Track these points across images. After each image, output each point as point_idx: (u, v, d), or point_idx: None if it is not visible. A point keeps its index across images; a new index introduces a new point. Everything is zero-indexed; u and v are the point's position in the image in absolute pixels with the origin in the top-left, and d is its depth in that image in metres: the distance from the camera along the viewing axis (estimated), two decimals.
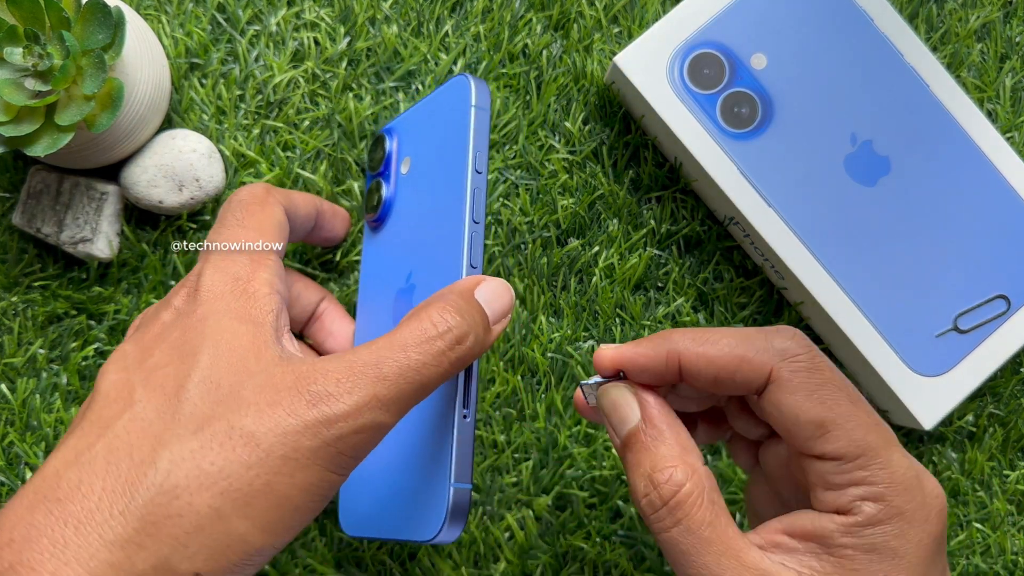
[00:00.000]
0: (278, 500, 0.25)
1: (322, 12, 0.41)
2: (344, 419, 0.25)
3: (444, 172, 0.33)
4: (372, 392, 0.26)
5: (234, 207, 0.33)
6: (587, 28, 0.41)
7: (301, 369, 0.26)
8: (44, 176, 0.39)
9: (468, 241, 0.31)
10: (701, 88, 0.39)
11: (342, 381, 0.26)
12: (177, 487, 0.24)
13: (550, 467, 0.40)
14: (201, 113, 0.40)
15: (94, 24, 0.34)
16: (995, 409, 0.42)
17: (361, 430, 0.26)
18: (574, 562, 0.40)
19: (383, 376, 0.26)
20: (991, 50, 0.43)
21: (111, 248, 0.39)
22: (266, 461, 0.25)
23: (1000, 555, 0.41)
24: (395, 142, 0.37)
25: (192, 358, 0.27)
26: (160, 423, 0.26)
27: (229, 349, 0.27)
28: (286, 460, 0.25)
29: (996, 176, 0.39)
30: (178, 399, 0.26)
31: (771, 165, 0.39)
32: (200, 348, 0.27)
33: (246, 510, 0.25)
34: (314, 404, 0.25)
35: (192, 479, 0.24)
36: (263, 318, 0.29)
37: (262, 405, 0.25)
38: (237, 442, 0.25)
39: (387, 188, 0.37)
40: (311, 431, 0.25)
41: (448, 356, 0.27)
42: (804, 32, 0.39)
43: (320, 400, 0.25)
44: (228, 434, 0.25)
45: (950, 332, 0.39)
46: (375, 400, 0.26)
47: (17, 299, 0.39)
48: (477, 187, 0.32)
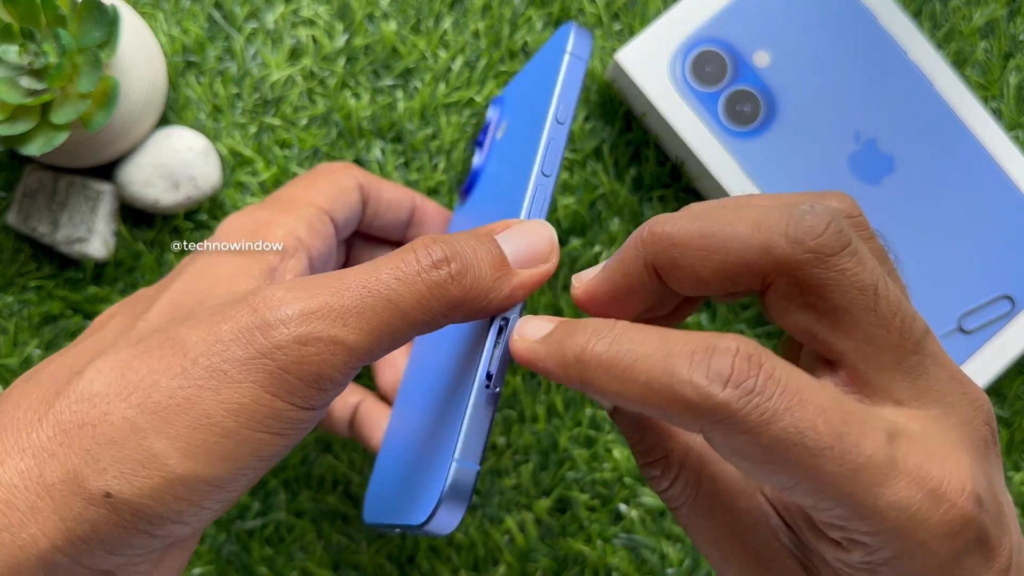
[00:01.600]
0: (200, 419, 0.22)
1: (320, 9, 0.40)
2: (285, 325, 0.22)
3: (529, 125, 0.30)
4: (324, 301, 0.22)
5: (303, 175, 0.32)
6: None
7: (260, 287, 0.23)
8: (39, 175, 0.38)
9: (531, 194, 0.27)
10: (703, 86, 0.38)
11: (293, 288, 0.22)
12: (96, 395, 0.22)
13: (550, 469, 0.40)
14: (197, 111, 0.40)
15: (90, 22, 0.34)
16: (999, 410, 0.42)
17: (307, 341, 0.22)
18: (575, 565, 0.39)
19: (343, 286, 0.22)
20: (995, 48, 0.42)
21: (107, 248, 0.38)
22: (190, 372, 0.22)
23: None
24: (497, 109, 0.35)
25: (169, 286, 0.26)
26: (110, 341, 0.25)
27: (204, 276, 0.26)
28: (212, 372, 0.22)
29: (1001, 175, 0.39)
30: (138, 319, 0.25)
31: (774, 164, 0.38)
32: (181, 274, 0.26)
33: (163, 426, 0.22)
34: (255, 310, 0.22)
35: (112, 387, 0.22)
36: (260, 254, 0.27)
37: (204, 316, 0.23)
38: (166, 351, 0.22)
39: (478, 156, 0.35)
40: (244, 339, 0.22)
41: (424, 277, 0.23)
42: (807, 29, 0.39)
43: (262, 305, 0.22)
44: (160, 344, 0.23)
45: (954, 332, 0.39)
46: (328, 308, 0.22)
47: (12, 299, 0.39)
48: (553, 138, 0.28)
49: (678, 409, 0.19)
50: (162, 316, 0.25)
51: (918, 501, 0.20)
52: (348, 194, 0.32)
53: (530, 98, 0.31)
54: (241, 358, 0.22)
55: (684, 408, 0.19)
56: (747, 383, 0.19)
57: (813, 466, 0.19)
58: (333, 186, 0.32)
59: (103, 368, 0.23)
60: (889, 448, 0.20)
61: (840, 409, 0.20)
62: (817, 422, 0.19)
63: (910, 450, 0.20)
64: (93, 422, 0.22)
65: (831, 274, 0.21)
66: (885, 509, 0.20)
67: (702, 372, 0.19)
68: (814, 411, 0.19)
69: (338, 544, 0.39)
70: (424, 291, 0.23)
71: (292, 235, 0.29)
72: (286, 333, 0.22)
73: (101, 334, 0.26)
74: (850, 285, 0.21)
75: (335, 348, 0.22)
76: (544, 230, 0.25)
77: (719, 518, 0.24)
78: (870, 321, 0.21)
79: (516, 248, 0.25)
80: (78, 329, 0.39)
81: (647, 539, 0.39)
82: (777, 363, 0.20)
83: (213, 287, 0.25)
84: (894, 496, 0.20)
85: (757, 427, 0.19)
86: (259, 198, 0.40)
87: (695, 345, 0.20)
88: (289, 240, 0.28)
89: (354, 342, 0.22)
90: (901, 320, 0.21)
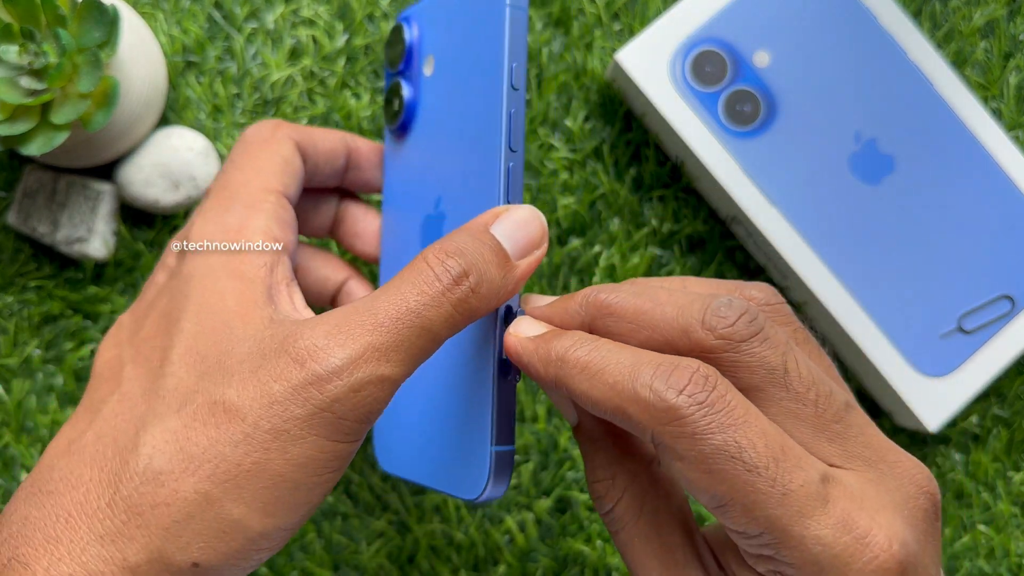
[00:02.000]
0: (273, 480, 0.22)
1: (320, 9, 0.40)
2: (338, 376, 0.22)
3: (476, 83, 0.29)
4: (367, 341, 0.23)
5: (236, 147, 0.30)
6: (588, 25, 0.41)
7: (289, 328, 0.24)
8: (39, 175, 0.38)
9: (504, 174, 0.27)
10: (703, 85, 0.38)
11: (332, 334, 0.23)
12: (161, 473, 0.23)
13: (550, 469, 0.40)
14: (197, 111, 0.40)
15: (90, 22, 0.34)
16: (999, 410, 0.42)
17: (360, 387, 0.22)
18: (574, 565, 0.39)
19: (379, 324, 0.23)
20: (995, 48, 0.42)
21: (107, 248, 0.38)
22: (254, 437, 0.22)
23: (1004, 557, 0.41)
24: (415, 33, 0.32)
25: (176, 326, 0.25)
26: (144, 403, 0.24)
27: (213, 313, 0.25)
28: (276, 435, 0.22)
29: (1001, 175, 0.39)
30: (162, 373, 0.25)
31: (774, 164, 0.38)
32: (183, 314, 0.26)
33: (238, 492, 0.22)
34: (301, 363, 0.22)
35: (176, 463, 0.23)
36: (253, 273, 0.26)
37: (246, 374, 0.23)
38: (221, 418, 0.23)
39: (408, 90, 0.32)
40: (301, 397, 0.22)
41: (448, 297, 0.24)
42: (807, 29, 0.39)
43: (308, 357, 0.22)
44: (211, 410, 0.23)
45: (954, 332, 0.39)
46: (371, 350, 0.23)
47: (12, 299, 0.39)
48: (515, 109, 0.27)
49: (635, 409, 0.22)
50: (190, 372, 0.24)
51: (844, 543, 0.21)
52: (292, 164, 0.30)
53: (464, 43, 0.29)
54: (301, 416, 0.22)
55: (641, 408, 0.21)
56: (699, 395, 0.21)
57: (747, 482, 0.21)
58: (277, 160, 0.30)
59: (158, 443, 0.23)
60: (821, 487, 0.21)
61: (781, 440, 0.21)
62: (757, 442, 0.21)
63: (841, 495, 0.21)
64: (166, 501, 0.22)
65: (741, 357, 0.23)
66: (810, 542, 0.21)
67: (662, 380, 0.21)
68: (756, 433, 0.21)
69: (338, 544, 0.39)
70: (451, 310, 0.24)
71: (268, 237, 0.28)
72: (340, 385, 0.22)
73: (124, 391, 0.25)
74: (759, 366, 0.23)
75: (383, 385, 0.23)
76: (535, 217, 0.26)
77: (654, 548, 0.25)
78: (783, 397, 0.23)
79: (513, 240, 0.26)
80: (78, 329, 0.39)
81: None
82: (731, 388, 0.22)
83: (227, 327, 0.25)
84: (820, 531, 0.21)
85: (701, 434, 0.21)
86: None
87: (661, 360, 0.22)
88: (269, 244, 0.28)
89: (398, 374, 0.23)
90: (816, 394, 0.23)
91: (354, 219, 0.35)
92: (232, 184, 0.29)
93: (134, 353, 0.27)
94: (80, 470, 0.24)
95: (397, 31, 0.33)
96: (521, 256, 0.26)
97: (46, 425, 0.39)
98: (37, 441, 0.39)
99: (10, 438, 0.38)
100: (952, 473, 0.41)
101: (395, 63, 0.33)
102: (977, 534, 0.41)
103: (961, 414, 0.41)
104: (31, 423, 0.39)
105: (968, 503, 0.41)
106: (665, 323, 0.23)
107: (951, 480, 0.41)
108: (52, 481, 0.24)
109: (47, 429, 0.39)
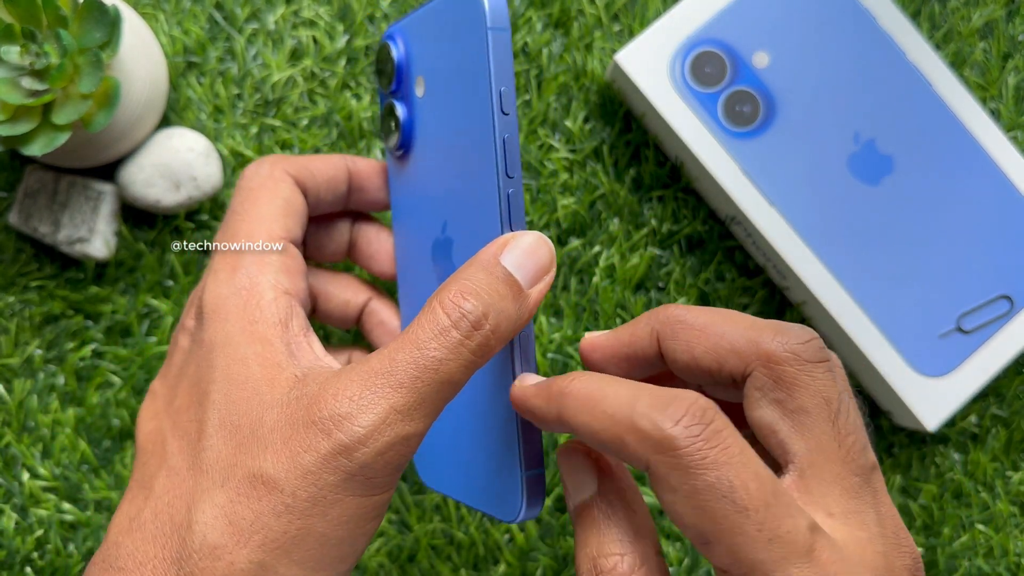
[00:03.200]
0: (318, 540, 0.24)
1: (320, 10, 0.40)
2: (364, 443, 0.23)
3: (467, 106, 0.28)
4: (389, 405, 0.24)
5: (236, 194, 0.31)
6: (588, 26, 0.41)
7: (314, 392, 0.25)
8: (40, 175, 0.38)
9: (504, 200, 0.27)
10: (703, 86, 0.38)
11: (354, 399, 0.24)
12: (216, 548, 0.24)
13: (550, 469, 0.40)
14: (198, 112, 0.40)
15: (91, 22, 0.34)
16: (998, 410, 0.42)
17: (385, 450, 0.24)
18: (574, 564, 0.39)
19: (399, 384, 0.24)
20: (994, 49, 0.42)
21: (108, 248, 0.38)
22: (294, 507, 0.24)
23: (1003, 556, 0.41)
24: (402, 51, 0.31)
25: (207, 398, 0.27)
26: (191, 478, 0.26)
27: (240, 383, 0.26)
28: (314, 502, 0.24)
29: (999, 175, 0.39)
30: (201, 446, 0.26)
31: (773, 164, 0.38)
32: (212, 385, 0.27)
33: (287, 557, 0.24)
34: (328, 433, 0.24)
35: (228, 537, 0.24)
36: (269, 333, 0.27)
37: (278, 444, 0.24)
38: (261, 491, 0.24)
39: (403, 110, 0.32)
40: (331, 466, 0.24)
41: (467, 345, 0.24)
42: (806, 30, 0.39)
43: (335, 426, 0.24)
44: (252, 483, 0.24)
45: (953, 332, 0.39)
46: (393, 413, 0.24)
47: (14, 299, 0.39)
48: (507, 134, 0.27)
49: (633, 438, 0.22)
50: (227, 444, 0.26)
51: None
52: (294, 204, 0.31)
53: (451, 65, 0.29)
54: (334, 483, 0.24)
55: (638, 438, 0.22)
56: (695, 427, 0.21)
57: (735, 523, 0.21)
58: (278, 203, 0.30)
59: (208, 519, 0.24)
60: (809, 537, 0.21)
61: (773, 486, 0.21)
62: (750, 484, 0.21)
63: (825, 549, 0.21)
64: (225, 573, 0.24)
65: (803, 376, 0.23)
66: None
67: (659, 410, 0.22)
68: (749, 474, 0.21)
69: None
70: (470, 356, 0.24)
71: (279, 291, 0.28)
72: (366, 451, 0.23)
73: (171, 465, 0.27)
74: (818, 391, 0.23)
75: (408, 440, 0.24)
76: (542, 244, 0.26)
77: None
78: (825, 431, 0.23)
79: (524, 270, 0.26)
80: (79, 329, 0.39)
81: None
82: (728, 424, 0.22)
83: (256, 395, 0.26)
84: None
85: (695, 468, 0.21)
86: None
87: (660, 392, 0.22)
88: (281, 303, 0.28)
89: (422, 429, 0.24)
90: (853, 441, 0.23)
91: (367, 240, 0.35)
92: (238, 237, 0.30)
93: (172, 425, 0.28)
94: (144, 548, 0.25)
95: (384, 50, 0.32)
96: (532, 283, 0.26)
97: (47, 425, 0.39)
98: (38, 440, 0.39)
99: (11, 438, 0.39)
100: (951, 473, 0.41)
101: (387, 84, 0.32)
102: (976, 533, 0.41)
103: (960, 414, 0.42)
104: (32, 423, 0.39)
105: (967, 502, 0.41)
106: (734, 332, 0.24)
107: (950, 480, 0.41)
108: (121, 558, 0.25)
109: (48, 429, 0.39)
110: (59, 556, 0.38)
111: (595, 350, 0.27)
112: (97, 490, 0.38)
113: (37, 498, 0.38)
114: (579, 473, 0.26)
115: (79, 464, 0.39)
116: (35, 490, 0.38)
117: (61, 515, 0.38)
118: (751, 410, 0.24)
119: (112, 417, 0.39)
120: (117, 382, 0.39)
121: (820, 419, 0.23)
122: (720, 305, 0.41)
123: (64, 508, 0.38)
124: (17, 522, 0.38)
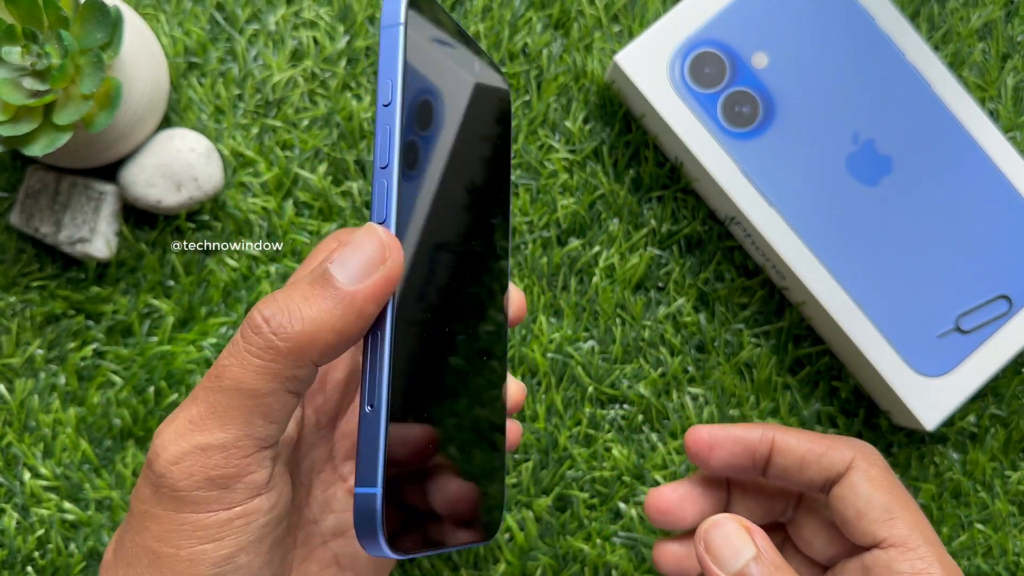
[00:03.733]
0: (152, 558, 0.24)
1: (321, 11, 0.41)
2: (160, 454, 0.24)
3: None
4: (183, 416, 0.24)
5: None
6: (587, 27, 0.41)
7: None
8: (42, 176, 0.38)
9: (375, 193, 0.25)
10: (702, 87, 0.39)
11: (165, 425, 0.25)
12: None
13: (550, 468, 0.40)
14: (199, 112, 0.40)
15: (92, 23, 0.34)
16: (997, 410, 0.42)
17: (179, 459, 0.24)
18: (574, 563, 0.39)
19: (193, 397, 0.24)
20: (993, 49, 0.42)
21: (109, 248, 0.39)
22: (131, 523, 0.25)
23: (1002, 556, 0.41)
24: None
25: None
26: None
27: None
28: (141, 516, 0.25)
29: (998, 176, 0.39)
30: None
31: (772, 164, 0.38)
32: None
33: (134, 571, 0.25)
34: (148, 463, 0.24)
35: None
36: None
37: None
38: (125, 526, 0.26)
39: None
40: (144, 480, 0.25)
41: (249, 349, 0.23)
42: (806, 31, 0.39)
43: (152, 455, 0.24)
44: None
45: (952, 332, 0.39)
46: (186, 423, 0.24)
47: (15, 299, 0.39)
48: (382, 123, 0.25)
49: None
50: None
51: None
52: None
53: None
54: (148, 496, 0.24)
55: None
56: None
57: None
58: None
59: None
60: None
61: None
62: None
63: None
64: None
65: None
66: None
67: None
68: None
69: None
70: (253, 359, 0.23)
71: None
72: (161, 462, 0.24)
73: None
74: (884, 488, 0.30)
75: (206, 451, 0.24)
76: (369, 236, 0.24)
77: None
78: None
79: (347, 267, 0.24)
80: (80, 329, 0.39)
81: (646, 537, 0.40)
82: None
83: None
84: None
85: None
86: (260, 198, 0.40)
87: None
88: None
89: (221, 438, 0.24)
90: None
91: None
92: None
93: None
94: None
95: None
96: (360, 279, 0.24)
97: (48, 424, 0.39)
98: (40, 440, 0.39)
99: (13, 437, 0.39)
100: (949, 472, 0.41)
101: None
102: (975, 533, 0.41)
103: (958, 413, 0.42)
104: (33, 422, 0.39)
105: (966, 502, 0.41)
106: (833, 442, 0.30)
107: (948, 479, 0.41)
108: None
109: (49, 428, 0.39)
110: (60, 555, 0.38)
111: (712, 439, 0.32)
112: (98, 489, 0.39)
113: (38, 497, 0.39)
114: (733, 539, 0.27)
115: (80, 464, 0.39)
116: (36, 489, 0.38)
117: (62, 514, 0.38)
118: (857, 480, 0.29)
119: (113, 417, 0.39)
120: (118, 382, 0.39)
121: (907, 497, 0.29)
122: (720, 306, 0.41)
123: (65, 508, 0.38)
124: (18, 521, 0.38)
